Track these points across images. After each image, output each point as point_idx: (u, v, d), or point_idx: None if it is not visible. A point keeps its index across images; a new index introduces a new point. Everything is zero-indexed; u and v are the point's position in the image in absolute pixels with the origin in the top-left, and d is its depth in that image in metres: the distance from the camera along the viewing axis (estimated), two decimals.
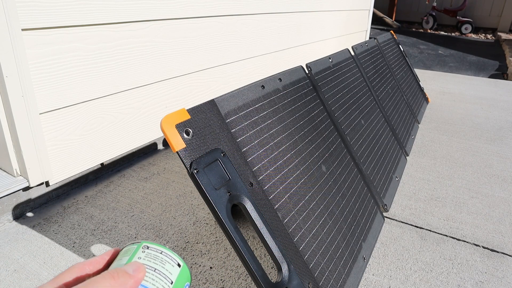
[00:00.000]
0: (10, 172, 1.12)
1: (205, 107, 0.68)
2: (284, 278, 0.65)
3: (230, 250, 1.00)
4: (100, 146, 1.30)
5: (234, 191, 0.65)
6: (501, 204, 1.27)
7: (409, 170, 1.50)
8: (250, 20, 1.88)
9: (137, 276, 0.28)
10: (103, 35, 1.20)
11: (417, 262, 0.98)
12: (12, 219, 1.12)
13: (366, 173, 1.14)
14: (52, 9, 1.05)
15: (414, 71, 2.38)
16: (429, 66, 3.90)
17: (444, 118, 2.14)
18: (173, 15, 1.44)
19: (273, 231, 0.68)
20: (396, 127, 1.58)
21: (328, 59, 1.24)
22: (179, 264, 0.33)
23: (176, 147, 0.59)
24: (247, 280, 0.90)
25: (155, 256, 0.32)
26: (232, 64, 1.84)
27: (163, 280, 0.30)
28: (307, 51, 2.54)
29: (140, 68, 1.36)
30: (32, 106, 1.05)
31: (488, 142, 1.80)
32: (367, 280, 0.91)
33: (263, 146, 0.77)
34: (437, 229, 1.12)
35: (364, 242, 0.94)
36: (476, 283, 0.92)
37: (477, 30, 6.84)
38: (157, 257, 0.32)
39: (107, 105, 1.28)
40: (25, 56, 1.00)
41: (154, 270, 0.31)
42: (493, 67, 3.98)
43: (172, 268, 0.32)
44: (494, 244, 1.06)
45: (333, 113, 1.11)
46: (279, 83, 0.93)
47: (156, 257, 0.32)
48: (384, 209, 1.15)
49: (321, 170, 0.92)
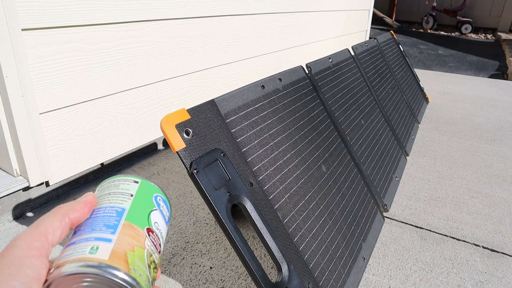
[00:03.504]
0: (10, 172, 1.12)
1: (205, 107, 0.68)
2: (284, 278, 0.65)
3: (230, 250, 1.00)
4: (100, 146, 1.30)
5: (234, 191, 0.65)
6: (501, 204, 1.27)
7: (409, 170, 1.50)
8: (250, 20, 1.88)
9: (85, 199, 0.29)
10: (103, 35, 1.20)
11: (417, 262, 0.98)
12: (12, 219, 1.12)
13: (366, 173, 1.14)
14: (52, 9, 1.05)
15: (414, 71, 2.38)
16: (429, 66, 3.90)
17: (444, 118, 2.14)
18: (173, 15, 1.44)
19: (273, 231, 0.68)
20: (396, 127, 1.58)
21: (328, 59, 1.24)
22: (136, 181, 0.32)
23: (176, 147, 0.59)
24: (247, 280, 0.90)
25: (108, 186, 0.32)
26: (232, 64, 1.84)
27: (119, 197, 0.30)
28: (307, 51, 2.54)
29: (140, 68, 1.36)
30: (32, 106, 1.05)
31: (488, 142, 1.80)
32: (367, 280, 0.91)
33: (263, 146, 0.77)
34: (437, 229, 1.12)
35: (364, 242, 0.94)
36: (476, 283, 0.92)
37: (477, 30, 6.84)
38: (110, 185, 0.32)
39: (107, 105, 1.28)
40: (25, 56, 1.00)
41: (109, 194, 0.31)
42: (493, 67, 3.98)
43: (128, 185, 0.32)
44: (494, 244, 1.06)
45: (333, 113, 1.11)
46: (279, 83, 0.93)
47: (109, 186, 0.32)
48: (384, 209, 1.15)
49: (321, 170, 0.92)
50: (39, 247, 0.24)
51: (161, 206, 0.32)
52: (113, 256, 0.25)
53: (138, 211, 0.30)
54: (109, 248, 0.26)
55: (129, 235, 0.27)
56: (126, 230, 0.28)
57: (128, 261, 0.25)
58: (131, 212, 0.29)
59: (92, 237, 0.26)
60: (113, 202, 0.30)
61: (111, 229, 0.27)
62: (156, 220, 0.31)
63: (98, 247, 0.25)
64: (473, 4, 6.84)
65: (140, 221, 0.29)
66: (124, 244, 0.26)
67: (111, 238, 0.26)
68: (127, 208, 0.29)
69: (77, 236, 0.27)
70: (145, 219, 0.30)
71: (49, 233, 0.25)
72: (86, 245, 0.26)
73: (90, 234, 0.26)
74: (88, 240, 0.26)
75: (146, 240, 0.28)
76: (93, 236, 0.26)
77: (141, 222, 0.29)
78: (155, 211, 0.31)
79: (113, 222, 0.28)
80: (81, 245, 0.26)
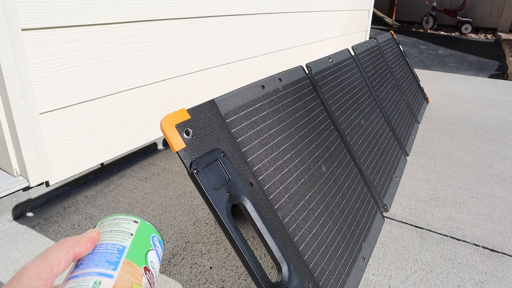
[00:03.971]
0: (10, 172, 1.12)
1: (205, 107, 0.68)
2: (284, 278, 0.65)
3: (230, 250, 1.00)
4: (100, 146, 1.30)
5: (234, 191, 0.65)
6: (501, 204, 1.27)
7: (409, 170, 1.50)
8: (250, 20, 1.88)
9: (89, 234, 0.30)
10: (103, 35, 1.20)
11: (417, 262, 0.98)
12: (12, 219, 1.12)
13: (366, 173, 1.14)
14: (52, 9, 1.05)
15: (414, 71, 2.38)
16: (429, 66, 3.90)
17: (444, 118, 2.14)
18: (173, 15, 1.44)
19: (273, 231, 0.68)
20: (396, 127, 1.58)
21: (328, 59, 1.24)
22: (135, 221, 0.34)
23: (176, 147, 0.59)
24: (247, 280, 0.90)
25: (109, 223, 0.33)
26: (232, 64, 1.84)
27: (120, 235, 0.32)
28: (307, 51, 2.54)
29: (140, 68, 1.36)
30: (32, 106, 1.05)
31: (488, 142, 1.80)
32: (367, 280, 0.91)
33: (263, 146, 0.77)
34: (437, 229, 1.12)
35: (364, 242, 0.94)
36: (476, 283, 0.92)
37: (477, 30, 6.84)
38: (111, 223, 0.33)
39: (107, 105, 1.28)
40: (25, 56, 1.00)
41: (110, 231, 0.32)
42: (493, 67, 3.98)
43: (129, 225, 0.33)
44: (494, 244, 1.06)
45: (333, 113, 1.11)
46: (279, 83, 0.93)
47: (110, 224, 0.33)
48: (384, 209, 1.15)
49: (321, 170, 0.92)
50: (45, 278, 0.26)
51: (157, 246, 0.34)
52: None
53: (137, 250, 0.32)
54: (111, 283, 0.27)
55: (128, 272, 0.29)
56: (126, 267, 0.29)
57: None
58: (131, 251, 0.31)
59: (95, 272, 0.28)
60: (115, 240, 0.31)
61: (112, 266, 0.29)
62: (152, 260, 0.33)
63: (101, 282, 0.27)
64: (473, 4, 6.85)
65: (139, 259, 0.31)
66: (124, 280, 0.28)
67: (113, 274, 0.28)
68: (127, 247, 0.31)
69: (80, 270, 0.28)
70: (143, 258, 0.31)
71: (54, 264, 0.27)
72: (89, 279, 0.27)
73: (93, 269, 0.28)
74: (91, 274, 0.27)
75: (143, 278, 0.30)
76: (96, 271, 0.28)
77: (140, 261, 0.31)
78: (152, 251, 0.33)
79: (114, 259, 0.29)
80: (84, 279, 0.27)
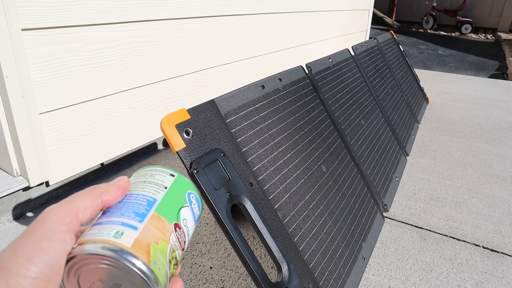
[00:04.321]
0: (10, 172, 1.12)
1: (205, 107, 0.68)
2: (284, 278, 0.65)
3: (230, 250, 1.00)
4: (100, 146, 1.30)
5: (234, 191, 0.65)
6: (501, 204, 1.27)
7: (409, 170, 1.50)
8: (250, 20, 1.88)
9: (119, 183, 0.29)
10: (103, 35, 1.20)
11: (417, 262, 0.98)
12: (12, 219, 1.12)
13: (366, 173, 1.14)
14: (52, 9, 1.05)
15: (414, 71, 2.38)
16: (429, 66, 3.90)
17: (444, 118, 2.14)
18: (173, 15, 1.44)
19: (273, 231, 0.68)
20: (396, 127, 1.58)
21: (328, 59, 1.24)
22: (172, 174, 0.32)
23: (176, 147, 0.59)
24: (247, 280, 0.90)
25: (144, 174, 0.32)
26: (232, 64, 1.84)
27: (153, 187, 0.30)
28: (307, 51, 2.54)
29: (140, 68, 1.36)
30: (32, 106, 1.05)
31: (488, 142, 1.80)
32: (367, 280, 0.91)
33: (263, 146, 0.77)
34: (437, 229, 1.12)
35: (364, 242, 0.94)
36: (476, 283, 0.92)
37: (477, 30, 6.84)
38: (146, 174, 0.32)
39: (107, 105, 1.28)
40: (25, 56, 1.00)
41: (143, 182, 0.31)
42: (493, 67, 3.98)
43: (164, 177, 0.32)
44: (494, 244, 1.06)
45: (333, 113, 1.11)
46: (279, 83, 0.93)
47: (145, 174, 0.32)
48: (384, 209, 1.15)
49: (321, 170, 0.92)
50: (68, 223, 0.25)
51: (193, 204, 0.32)
52: (136, 245, 0.25)
53: (169, 204, 0.30)
54: (134, 235, 0.25)
55: (155, 226, 0.27)
56: (154, 221, 0.27)
57: (150, 253, 0.25)
58: (161, 204, 0.29)
59: (120, 221, 0.26)
60: (146, 191, 0.29)
61: (139, 217, 0.27)
62: (185, 217, 0.31)
63: (123, 233, 0.25)
64: (473, 4, 6.84)
65: (169, 215, 0.29)
66: (149, 234, 0.26)
67: (138, 226, 0.26)
68: (158, 200, 0.29)
69: (105, 218, 0.27)
70: (175, 214, 0.29)
71: (80, 211, 0.26)
72: (112, 228, 0.26)
73: (118, 218, 0.26)
74: (115, 223, 0.26)
75: (172, 235, 0.28)
76: (121, 221, 0.26)
77: (170, 216, 0.29)
78: (186, 207, 0.31)
79: (142, 210, 0.28)
80: (107, 227, 0.26)
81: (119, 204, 0.28)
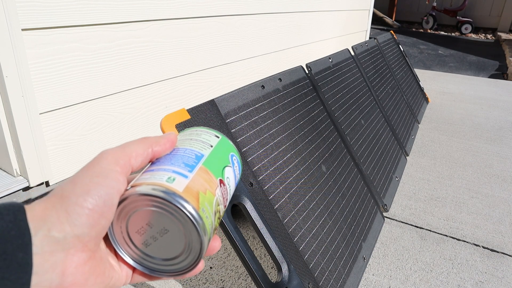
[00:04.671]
0: (10, 172, 1.12)
1: (205, 107, 0.68)
2: (284, 278, 0.65)
3: (230, 250, 1.00)
4: (100, 146, 1.30)
5: (234, 191, 0.65)
6: (501, 204, 1.27)
7: (409, 170, 1.50)
8: (250, 20, 1.88)
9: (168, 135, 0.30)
10: (103, 35, 1.20)
11: (417, 262, 0.98)
12: None
13: (366, 173, 1.14)
14: (52, 9, 1.05)
15: (414, 71, 2.37)
16: (429, 66, 3.90)
17: (444, 118, 2.14)
18: (173, 15, 1.44)
19: (273, 231, 0.68)
20: (396, 127, 1.58)
21: (328, 59, 1.24)
22: (217, 136, 0.34)
23: None
24: (247, 280, 0.90)
25: (190, 133, 0.33)
26: (232, 64, 1.84)
27: (200, 144, 0.31)
28: (307, 51, 2.54)
29: (140, 68, 1.36)
30: (32, 106, 1.05)
31: (488, 142, 1.80)
32: (367, 280, 0.91)
33: (263, 146, 0.77)
34: (437, 229, 1.12)
35: (364, 242, 0.94)
36: (476, 283, 0.92)
37: (477, 30, 6.84)
38: (192, 133, 0.33)
39: (107, 105, 1.28)
40: (25, 56, 1.00)
41: (191, 139, 0.32)
42: (493, 67, 3.98)
43: (210, 137, 0.33)
44: (494, 244, 1.06)
45: (333, 113, 1.11)
46: (279, 83, 0.93)
47: (191, 133, 0.33)
48: (384, 209, 1.15)
49: (321, 170, 0.92)
50: (123, 165, 0.26)
51: (235, 166, 0.33)
52: (187, 191, 0.26)
53: (215, 161, 0.30)
54: (185, 182, 0.26)
55: (203, 178, 0.28)
56: (202, 173, 0.28)
57: (199, 200, 0.26)
58: (208, 160, 0.30)
59: (171, 169, 0.27)
60: (194, 146, 0.30)
61: (188, 168, 0.28)
62: (228, 176, 0.31)
63: (175, 179, 0.26)
64: (473, 4, 6.84)
65: (216, 170, 0.30)
66: (198, 184, 0.27)
67: (188, 175, 0.27)
68: (206, 155, 0.30)
69: (157, 166, 0.28)
70: (220, 171, 0.30)
71: (132, 156, 0.27)
72: (164, 174, 0.26)
73: (170, 167, 0.27)
74: (167, 170, 0.27)
75: (217, 189, 0.29)
76: (172, 169, 0.27)
77: (216, 172, 0.30)
78: (229, 167, 0.32)
79: (191, 162, 0.28)
80: (159, 173, 0.26)
81: (168, 156, 0.29)
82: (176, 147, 0.30)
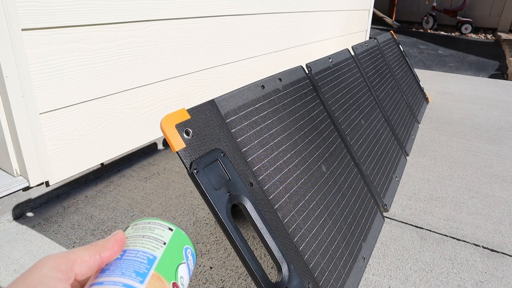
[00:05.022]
0: (10, 172, 1.12)
1: (205, 107, 0.68)
2: (284, 278, 0.65)
3: (230, 250, 1.00)
4: (100, 146, 1.30)
5: (234, 191, 0.65)
6: (501, 204, 1.27)
7: (409, 170, 1.50)
8: (250, 20, 1.88)
9: (115, 236, 0.28)
10: (103, 35, 1.20)
11: (417, 262, 0.98)
12: (12, 219, 1.12)
13: (366, 173, 1.14)
14: (52, 9, 1.05)
15: (414, 71, 2.38)
16: (429, 66, 3.90)
17: (444, 118, 2.14)
18: (173, 15, 1.44)
19: (273, 231, 0.68)
20: (396, 127, 1.58)
21: (328, 59, 1.24)
22: (171, 228, 0.33)
23: (176, 147, 0.59)
24: (247, 280, 0.90)
25: (143, 227, 0.32)
26: (232, 64, 1.84)
27: (153, 243, 0.30)
28: (307, 51, 2.54)
29: (140, 68, 1.36)
30: (32, 106, 1.05)
31: (488, 142, 1.80)
32: (367, 280, 0.91)
33: (263, 146, 0.77)
34: (437, 229, 1.12)
35: (364, 242, 0.94)
36: (476, 283, 0.92)
37: (477, 30, 6.84)
38: (145, 227, 0.32)
39: (107, 105, 1.28)
40: (25, 56, 1.00)
41: (143, 237, 0.31)
42: (493, 67, 3.98)
43: (163, 232, 0.32)
44: (494, 244, 1.06)
45: (333, 113, 1.11)
46: (279, 83, 0.93)
47: (144, 227, 0.32)
48: (384, 209, 1.15)
49: (321, 170, 0.92)
50: (64, 270, 0.24)
51: (189, 260, 0.33)
52: None
53: (168, 262, 0.30)
54: None
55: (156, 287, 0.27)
56: (154, 281, 0.27)
57: None
58: (161, 262, 0.29)
59: (121, 282, 0.26)
60: (146, 247, 0.29)
61: (140, 278, 0.27)
62: (182, 275, 0.31)
63: None
64: (473, 4, 6.85)
65: (168, 274, 0.29)
66: None
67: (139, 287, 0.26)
68: (158, 257, 0.29)
69: (106, 276, 0.27)
70: (173, 273, 0.30)
71: (76, 262, 0.25)
72: None
73: (119, 279, 0.26)
74: (117, 284, 0.26)
75: None
76: (122, 282, 0.26)
77: (169, 275, 0.29)
78: (183, 264, 0.31)
79: (143, 270, 0.28)
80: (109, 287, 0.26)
81: (119, 261, 0.28)
82: (127, 248, 0.29)
